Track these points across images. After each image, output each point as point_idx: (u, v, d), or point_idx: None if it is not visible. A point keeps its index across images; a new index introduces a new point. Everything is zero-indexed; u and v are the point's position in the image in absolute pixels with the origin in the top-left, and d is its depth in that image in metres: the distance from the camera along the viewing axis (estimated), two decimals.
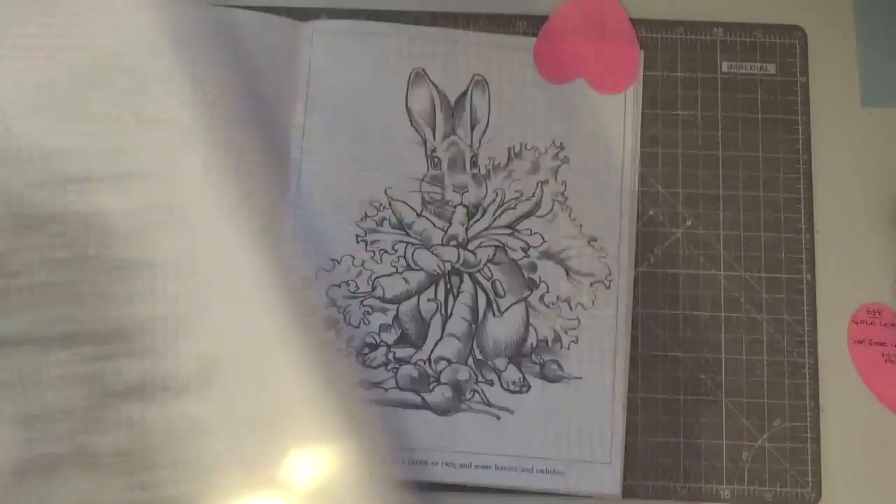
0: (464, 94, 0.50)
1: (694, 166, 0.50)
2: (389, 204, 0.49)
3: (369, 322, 0.48)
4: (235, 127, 0.49)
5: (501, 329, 0.48)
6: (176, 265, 0.41)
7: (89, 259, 0.40)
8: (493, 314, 0.48)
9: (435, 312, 0.48)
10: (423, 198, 0.49)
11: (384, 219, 0.49)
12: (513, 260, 0.49)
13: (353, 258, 0.48)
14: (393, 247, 0.49)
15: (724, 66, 0.51)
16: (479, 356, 0.48)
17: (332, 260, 0.48)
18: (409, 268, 0.49)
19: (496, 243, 0.49)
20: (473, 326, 0.48)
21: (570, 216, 0.49)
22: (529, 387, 0.47)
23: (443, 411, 0.47)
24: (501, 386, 0.47)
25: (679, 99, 0.51)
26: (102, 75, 0.43)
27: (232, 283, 0.41)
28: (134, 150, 0.42)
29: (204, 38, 0.50)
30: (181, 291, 0.40)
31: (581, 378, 0.47)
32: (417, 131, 0.50)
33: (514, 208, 0.49)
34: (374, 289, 0.48)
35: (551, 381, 0.47)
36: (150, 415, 0.40)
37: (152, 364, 0.40)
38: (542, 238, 0.49)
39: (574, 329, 0.48)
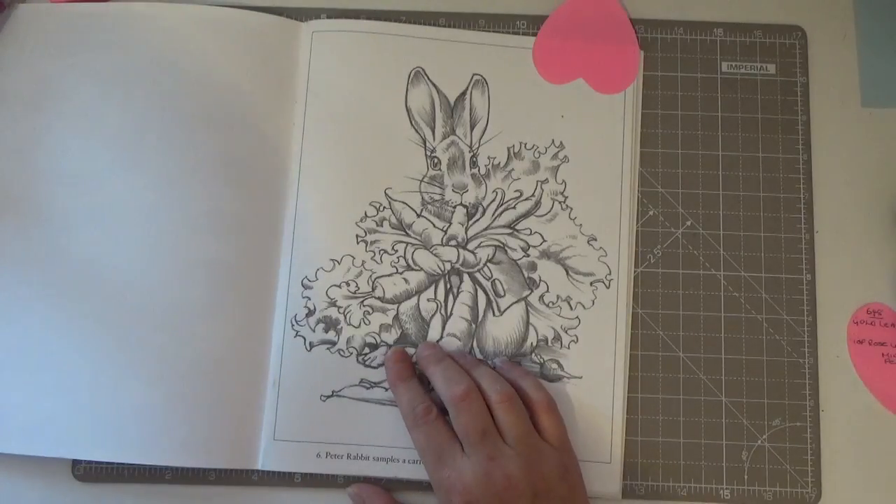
0: (463, 93, 0.50)
1: (694, 166, 0.50)
2: (389, 204, 0.49)
3: (369, 322, 0.48)
4: (235, 127, 0.49)
5: (501, 328, 0.48)
6: None
7: None
8: (493, 314, 0.48)
9: (435, 312, 0.48)
10: (422, 198, 0.49)
11: (384, 219, 0.49)
12: (513, 259, 0.49)
13: (353, 258, 0.48)
14: (393, 247, 0.49)
15: (724, 66, 0.51)
16: (479, 355, 0.48)
17: (332, 260, 0.48)
18: (409, 268, 0.49)
19: (496, 243, 0.49)
20: (473, 326, 0.48)
21: (569, 216, 0.49)
22: None
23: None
24: None
25: (679, 99, 0.51)
26: None
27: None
28: None
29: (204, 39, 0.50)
30: None
31: (581, 377, 0.47)
32: (417, 131, 0.50)
33: (514, 208, 0.49)
34: (374, 289, 0.48)
35: (551, 380, 0.47)
36: None
37: None
38: (542, 238, 0.49)
39: (574, 328, 0.48)
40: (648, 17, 0.52)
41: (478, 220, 0.49)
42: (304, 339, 0.47)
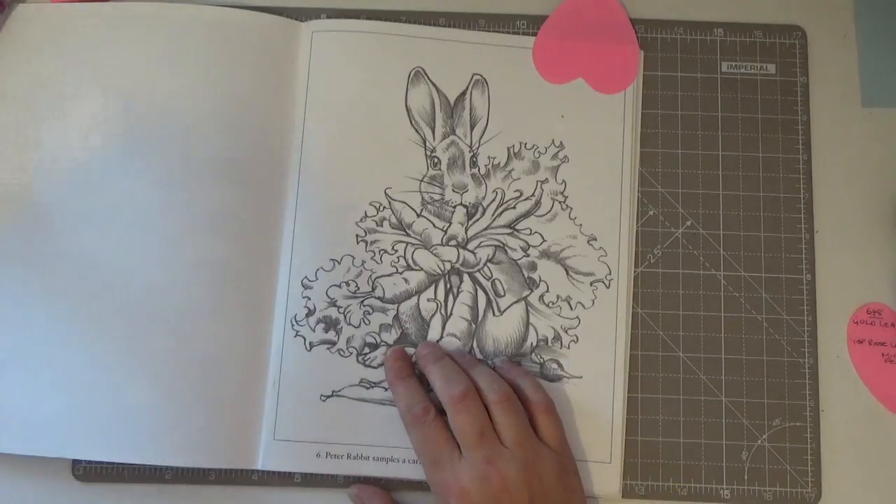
0: (463, 93, 0.50)
1: (694, 166, 0.50)
2: (389, 204, 0.49)
3: (369, 322, 0.48)
4: (235, 128, 0.49)
5: (501, 328, 0.48)
6: None
7: None
8: (493, 314, 0.48)
9: (435, 312, 0.48)
10: (422, 198, 0.49)
11: (384, 219, 0.49)
12: (512, 259, 0.49)
13: (353, 258, 0.48)
14: (393, 247, 0.49)
15: (724, 66, 0.51)
16: (479, 356, 0.48)
17: (332, 260, 0.48)
18: (409, 268, 0.49)
19: (496, 243, 0.49)
20: (473, 326, 0.48)
21: (569, 216, 0.49)
22: None
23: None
24: None
25: (679, 99, 0.51)
26: None
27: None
28: None
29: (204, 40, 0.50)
30: None
31: (581, 377, 0.47)
32: (417, 131, 0.50)
33: (514, 208, 0.49)
34: (374, 289, 0.48)
35: (551, 380, 0.47)
36: None
37: None
38: (542, 237, 0.49)
39: (574, 328, 0.48)
40: (648, 17, 0.52)
41: (478, 219, 0.49)
42: (304, 339, 0.47)
